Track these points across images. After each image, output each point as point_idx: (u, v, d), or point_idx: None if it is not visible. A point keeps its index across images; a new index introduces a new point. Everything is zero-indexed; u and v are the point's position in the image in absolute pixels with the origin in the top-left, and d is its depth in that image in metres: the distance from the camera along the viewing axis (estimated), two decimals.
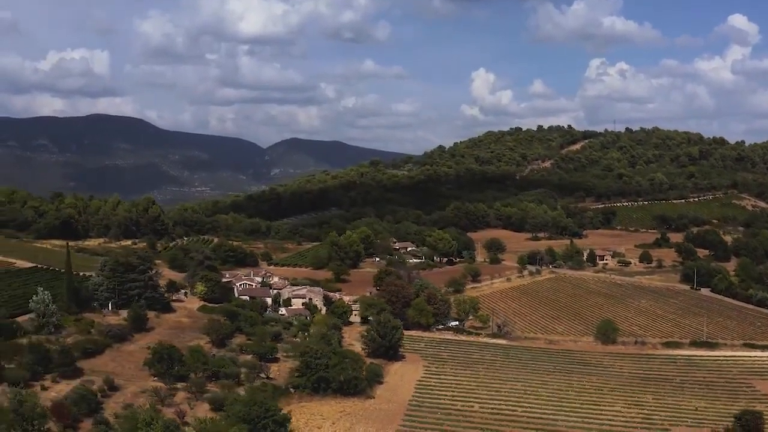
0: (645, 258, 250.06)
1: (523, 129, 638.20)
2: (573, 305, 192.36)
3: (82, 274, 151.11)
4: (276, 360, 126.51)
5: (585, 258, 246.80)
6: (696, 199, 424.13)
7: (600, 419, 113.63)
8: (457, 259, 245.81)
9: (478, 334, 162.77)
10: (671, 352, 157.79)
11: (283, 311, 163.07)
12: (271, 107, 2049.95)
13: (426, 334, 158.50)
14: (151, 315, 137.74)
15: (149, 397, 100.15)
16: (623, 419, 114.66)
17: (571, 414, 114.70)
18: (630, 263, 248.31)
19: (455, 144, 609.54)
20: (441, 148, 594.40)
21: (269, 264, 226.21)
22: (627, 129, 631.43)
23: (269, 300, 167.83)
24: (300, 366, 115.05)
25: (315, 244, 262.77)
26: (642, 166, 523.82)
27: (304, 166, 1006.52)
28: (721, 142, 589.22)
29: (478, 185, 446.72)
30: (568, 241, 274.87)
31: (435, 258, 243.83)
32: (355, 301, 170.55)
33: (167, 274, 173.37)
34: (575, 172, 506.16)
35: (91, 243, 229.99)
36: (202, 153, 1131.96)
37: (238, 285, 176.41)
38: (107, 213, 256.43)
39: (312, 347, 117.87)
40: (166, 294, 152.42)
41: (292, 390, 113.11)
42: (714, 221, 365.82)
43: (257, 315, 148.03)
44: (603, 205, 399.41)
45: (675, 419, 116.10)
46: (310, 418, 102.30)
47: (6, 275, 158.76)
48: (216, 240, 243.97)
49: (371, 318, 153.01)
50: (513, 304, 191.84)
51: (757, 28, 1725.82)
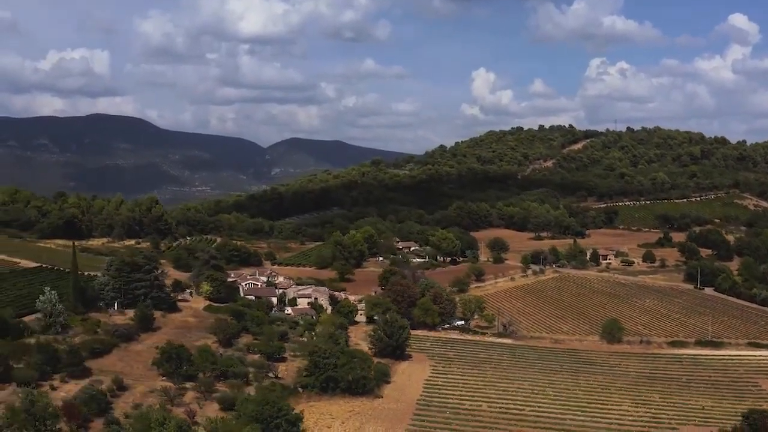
0: (648, 257, 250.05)
1: (525, 128, 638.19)
2: (577, 305, 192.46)
3: (87, 273, 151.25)
4: (283, 359, 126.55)
5: (588, 257, 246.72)
6: (698, 199, 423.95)
7: (608, 418, 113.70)
8: (461, 259, 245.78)
9: (483, 333, 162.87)
10: (677, 351, 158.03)
11: (289, 311, 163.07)
12: (272, 107, 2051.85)
13: (432, 333, 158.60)
14: (158, 315, 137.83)
15: (158, 397, 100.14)
16: (631, 418, 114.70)
17: (580, 413, 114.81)
18: (633, 263, 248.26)
19: (457, 143, 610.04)
20: (442, 147, 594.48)
21: (273, 263, 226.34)
22: (628, 128, 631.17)
23: (275, 299, 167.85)
24: (308, 365, 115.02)
25: (318, 243, 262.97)
26: (644, 165, 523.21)
27: (304, 165, 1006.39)
28: (723, 141, 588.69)
29: (480, 185, 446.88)
30: (570, 241, 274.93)
31: (438, 257, 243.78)
32: (360, 301, 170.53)
33: (172, 273, 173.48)
34: (577, 171, 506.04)
35: (95, 243, 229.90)
36: (202, 153, 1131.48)
37: (243, 285, 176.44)
38: (110, 213, 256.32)
39: (320, 347, 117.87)
40: (171, 294, 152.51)
41: (300, 389, 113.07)
42: (716, 221, 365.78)
43: (264, 314, 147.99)
44: (605, 205, 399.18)
45: (682, 418, 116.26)
46: (319, 417, 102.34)
47: (11, 275, 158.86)
48: (219, 240, 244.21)
49: (377, 317, 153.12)
50: (518, 303, 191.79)
51: (758, 27, 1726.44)
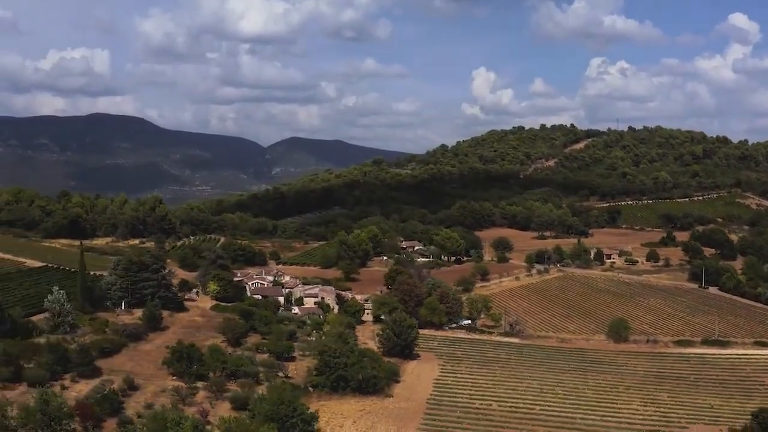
0: (652, 257, 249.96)
1: (526, 128, 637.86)
2: (583, 304, 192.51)
3: (93, 273, 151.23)
4: (293, 359, 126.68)
5: (592, 257, 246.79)
6: (700, 198, 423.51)
7: (618, 417, 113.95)
8: (465, 258, 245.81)
9: (490, 332, 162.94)
10: (684, 350, 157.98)
11: (296, 310, 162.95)
12: (272, 106, 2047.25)
13: (439, 332, 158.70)
14: (165, 314, 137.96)
15: (170, 397, 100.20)
16: (641, 417, 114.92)
17: (590, 412, 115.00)
18: (637, 262, 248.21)
19: (458, 143, 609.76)
20: (444, 147, 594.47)
21: (278, 263, 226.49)
22: (630, 128, 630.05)
23: (281, 299, 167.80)
24: (318, 365, 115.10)
25: (322, 243, 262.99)
26: (646, 164, 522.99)
27: (305, 165, 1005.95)
28: (725, 140, 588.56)
29: (482, 184, 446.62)
30: (574, 240, 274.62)
31: (443, 257, 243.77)
32: (367, 300, 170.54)
33: (178, 273, 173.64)
34: (579, 170, 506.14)
35: (99, 242, 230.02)
36: (203, 152, 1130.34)
37: (250, 284, 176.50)
38: (114, 212, 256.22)
39: (330, 346, 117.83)
40: (178, 293, 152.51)
41: (311, 389, 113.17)
42: (719, 220, 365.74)
43: (272, 314, 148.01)
44: (608, 204, 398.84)
45: (692, 417, 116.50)
46: (331, 416, 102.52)
47: (17, 275, 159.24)
48: (223, 239, 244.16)
49: (384, 317, 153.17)
50: (523, 302, 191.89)
51: (758, 26, 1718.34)
